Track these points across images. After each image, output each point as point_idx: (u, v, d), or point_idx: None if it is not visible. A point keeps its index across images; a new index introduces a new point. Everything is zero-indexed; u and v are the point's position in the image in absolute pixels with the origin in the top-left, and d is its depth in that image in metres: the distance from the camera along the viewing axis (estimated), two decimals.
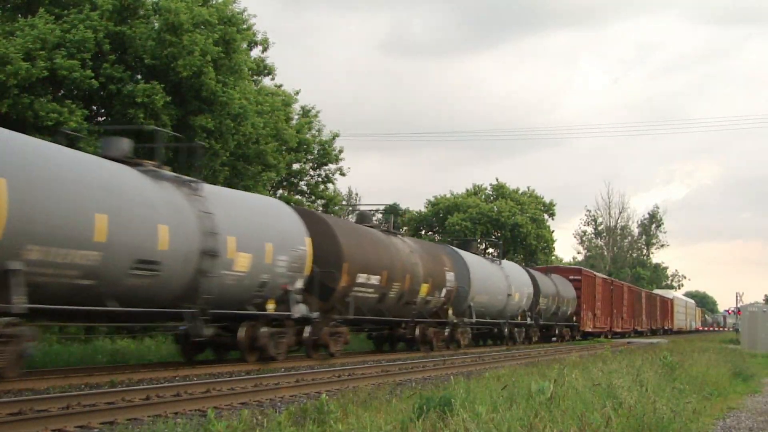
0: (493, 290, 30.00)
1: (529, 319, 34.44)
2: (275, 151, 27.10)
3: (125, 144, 14.81)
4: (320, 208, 34.56)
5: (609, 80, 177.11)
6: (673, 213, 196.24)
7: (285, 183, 34.39)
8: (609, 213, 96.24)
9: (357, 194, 65.48)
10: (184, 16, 21.90)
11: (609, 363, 14.91)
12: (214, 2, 25.05)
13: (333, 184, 36.11)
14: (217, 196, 15.97)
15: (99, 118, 23.52)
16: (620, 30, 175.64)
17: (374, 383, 13.16)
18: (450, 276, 25.88)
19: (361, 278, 20.12)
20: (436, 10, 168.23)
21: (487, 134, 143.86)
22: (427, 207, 60.18)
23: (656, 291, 78.85)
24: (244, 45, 26.47)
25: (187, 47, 21.88)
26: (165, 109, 21.85)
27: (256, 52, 29.97)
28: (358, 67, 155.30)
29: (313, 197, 35.28)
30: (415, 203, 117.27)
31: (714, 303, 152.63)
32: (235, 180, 25.45)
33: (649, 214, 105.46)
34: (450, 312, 26.06)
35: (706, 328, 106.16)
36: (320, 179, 35.66)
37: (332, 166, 35.67)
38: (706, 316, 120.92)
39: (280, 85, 32.68)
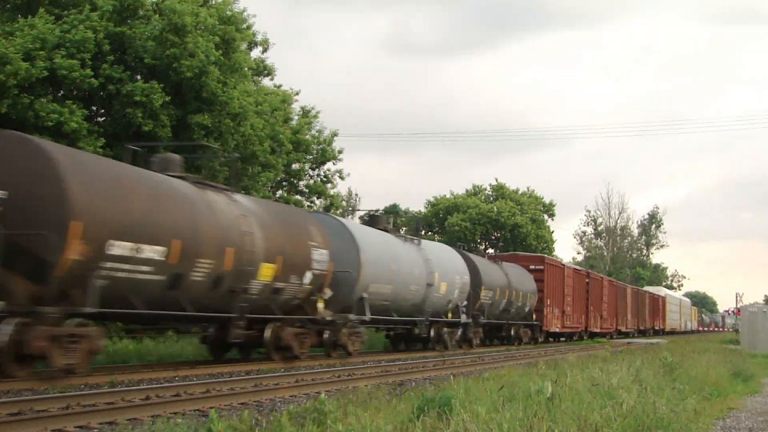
0: (402, 278, 22.45)
1: (464, 316, 27.09)
2: (271, 152, 27.08)
3: None
4: (321, 209, 34.54)
5: (610, 80, 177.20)
6: (673, 213, 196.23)
7: (284, 183, 34.40)
8: (609, 213, 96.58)
9: (357, 195, 65.69)
10: (188, 18, 21.91)
11: (609, 363, 14.92)
12: (213, 2, 25.10)
13: (332, 184, 36.13)
14: None
15: (99, 119, 23.56)
16: (621, 30, 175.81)
17: (374, 383, 13.18)
18: (320, 255, 18.52)
19: (120, 248, 12.70)
20: (437, 10, 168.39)
21: (488, 134, 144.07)
22: (427, 207, 60.32)
23: (646, 288, 74.52)
24: (244, 45, 26.50)
25: (189, 49, 21.91)
26: (164, 108, 21.88)
27: (256, 53, 30.05)
28: (358, 67, 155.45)
29: (313, 197, 35.26)
30: (415, 204, 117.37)
31: (714, 303, 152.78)
32: (233, 180, 25.44)
33: (648, 214, 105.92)
34: (321, 306, 18.73)
35: (703, 329, 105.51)
36: (319, 179, 35.65)
37: (332, 168, 35.70)
38: (704, 316, 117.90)
39: (280, 86, 32.75)
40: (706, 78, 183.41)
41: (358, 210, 62.92)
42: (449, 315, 26.63)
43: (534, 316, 35.21)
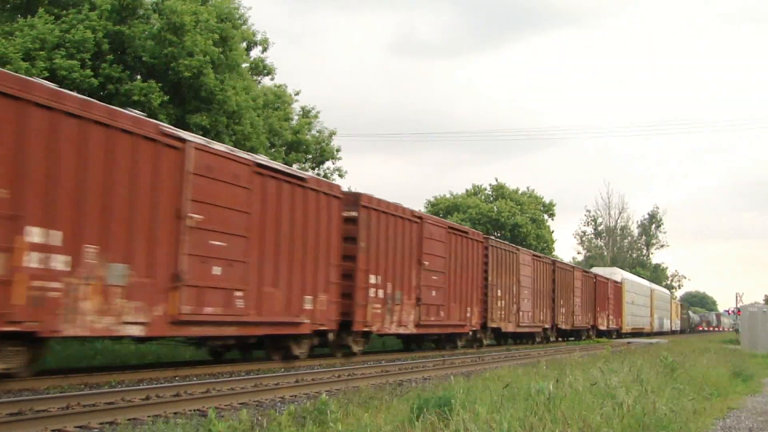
0: None
1: None
2: (270, 146, 27.04)
3: None
4: None
5: (610, 80, 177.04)
6: (673, 213, 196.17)
7: None
8: (609, 213, 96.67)
9: None
10: (187, 18, 21.89)
11: (610, 363, 14.92)
12: (212, 1, 25.08)
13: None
14: None
15: None
16: (622, 30, 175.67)
17: (374, 383, 13.18)
18: None
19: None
20: (440, 12, 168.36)
21: (488, 135, 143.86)
22: (427, 207, 60.29)
23: (594, 269, 53.79)
24: (243, 44, 26.48)
25: (188, 48, 21.89)
26: (162, 108, 21.85)
27: (255, 53, 30.02)
28: (362, 68, 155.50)
29: None
30: (416, 203, 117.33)
31: (714, 303, 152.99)
32: None
33: (648, 214, 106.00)
34: None
35: (703, 329, 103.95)
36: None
37: (330, 166, 35.67)
38: (691, 314, 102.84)
39: (280, 85, 32.74)
40: (708, 78, 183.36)
41: None
42: None
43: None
